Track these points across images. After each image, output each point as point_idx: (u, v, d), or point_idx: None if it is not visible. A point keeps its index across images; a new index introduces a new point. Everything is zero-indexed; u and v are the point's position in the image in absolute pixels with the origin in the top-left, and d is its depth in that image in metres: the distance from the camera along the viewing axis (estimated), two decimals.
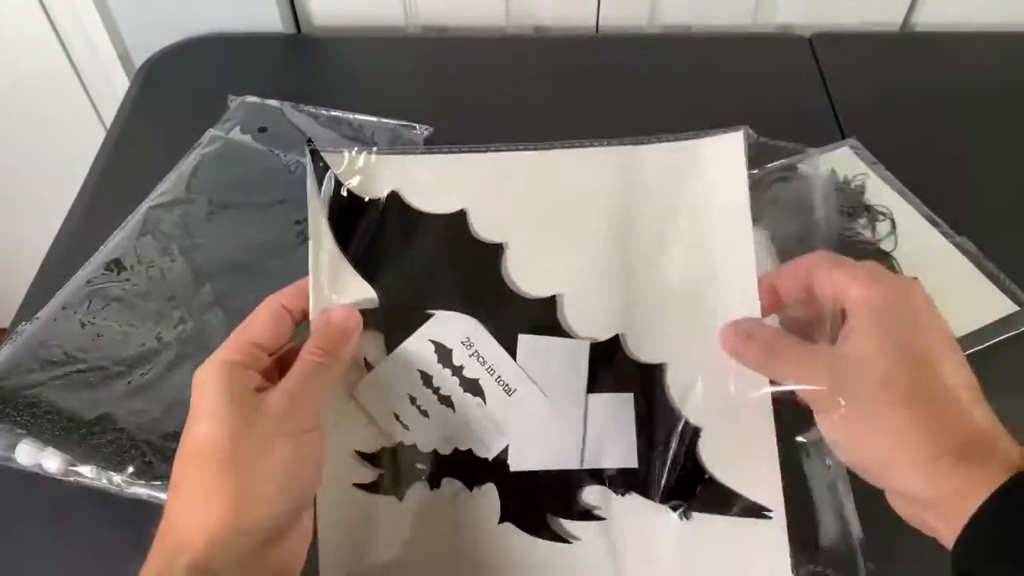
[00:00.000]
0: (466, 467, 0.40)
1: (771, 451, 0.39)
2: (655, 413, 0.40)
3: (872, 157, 0.64)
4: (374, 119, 0.66)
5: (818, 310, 0.38)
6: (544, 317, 0.41)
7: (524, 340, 0.41)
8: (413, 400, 0.41)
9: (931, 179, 0.62)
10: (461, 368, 0.41)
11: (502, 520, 0.40)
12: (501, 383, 0.41)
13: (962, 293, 0.55)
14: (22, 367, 0.50)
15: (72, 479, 0.46)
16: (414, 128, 0.66)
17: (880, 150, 0.64)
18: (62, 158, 0.77)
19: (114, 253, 0.55)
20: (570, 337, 0.41)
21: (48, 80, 0.81)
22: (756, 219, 0.50)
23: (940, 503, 0.32)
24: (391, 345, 0.41)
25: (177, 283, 0.54)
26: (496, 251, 0.42)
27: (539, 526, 0.40)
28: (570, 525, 0.40)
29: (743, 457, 0.40)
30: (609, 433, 0.40)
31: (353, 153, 0.43)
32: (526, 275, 0.42)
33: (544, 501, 0.40)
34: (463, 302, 0.41)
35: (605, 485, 0.40)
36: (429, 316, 0.41)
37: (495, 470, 0.40)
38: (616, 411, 0.40)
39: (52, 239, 0.60)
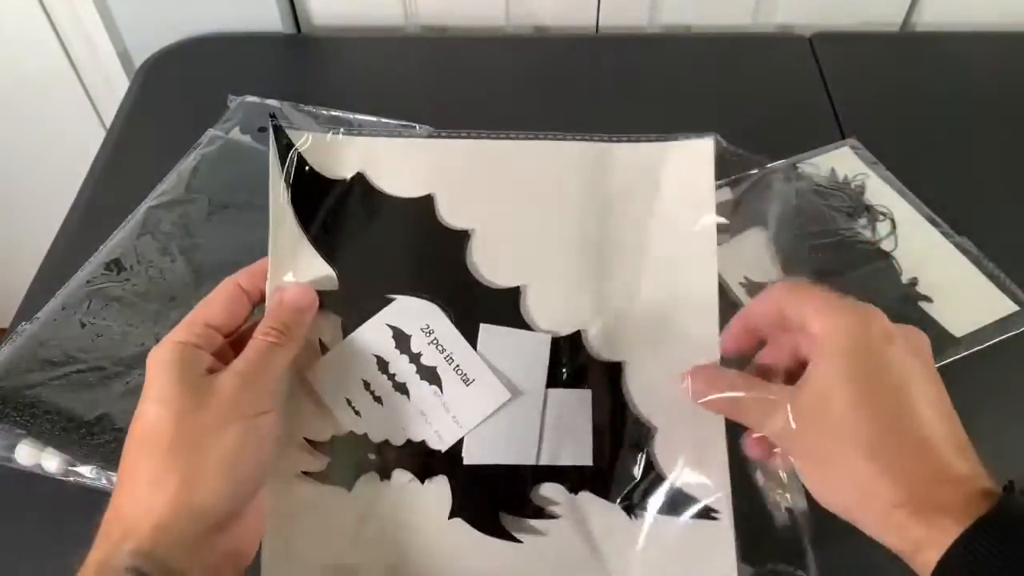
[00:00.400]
0: (418, 458, 0.40)
1: (721, 453, 0.39)
2: (612, 411, 0.40)
3: (872, 157, 0.64)
4: (374, 119, 0.66)
5: (786, 350, 0.38)
6: (507, 307, 0.41)
7: (485, 329, 0.40)
8: (367, 386, 0.40)
9: (931, 179, 0.62)
10: (419, 355, 0.40)
11: (452, 515, 0.39)
12: (459, 372, 0.40)
13: (962, 293, 0.55)
14: (22, 367, 0.50)
15: (72, 479, 0.46)
16: (414, 128, 0.66)
17: (880, 150, 0.64)
18: (62, 158, 0.77)
19: (114, 253, 0.55)
20: (532, 329, 0.41)
21: (48, 80, 0.81)
22: (756, 219, 0.50)
23: (904, 554, 0.32)
24: (348, 328, 0.40)
25: (177, 283, 0.54)
26: (462, 238, 0.42)
27: (490, 523, 0.39)
28: (522, 523, 0.40)
29: (695, 458, 0.40)
30: (566, 429, 0.40)
31: (319, 133, 0.42)
32: (491, 264, 0.41)
33: (497, 497, 0.40)
34: (425, 288, 0.41)
35: (560, 483, 0.40)
36: (389, 300, 0.40)
37: (448, 462, 0.39)
38: (574, 407, 0.40)
39: (52, 239, 0.60)
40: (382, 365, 0.40)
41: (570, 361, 0.41)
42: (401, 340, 0.40)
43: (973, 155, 0.65)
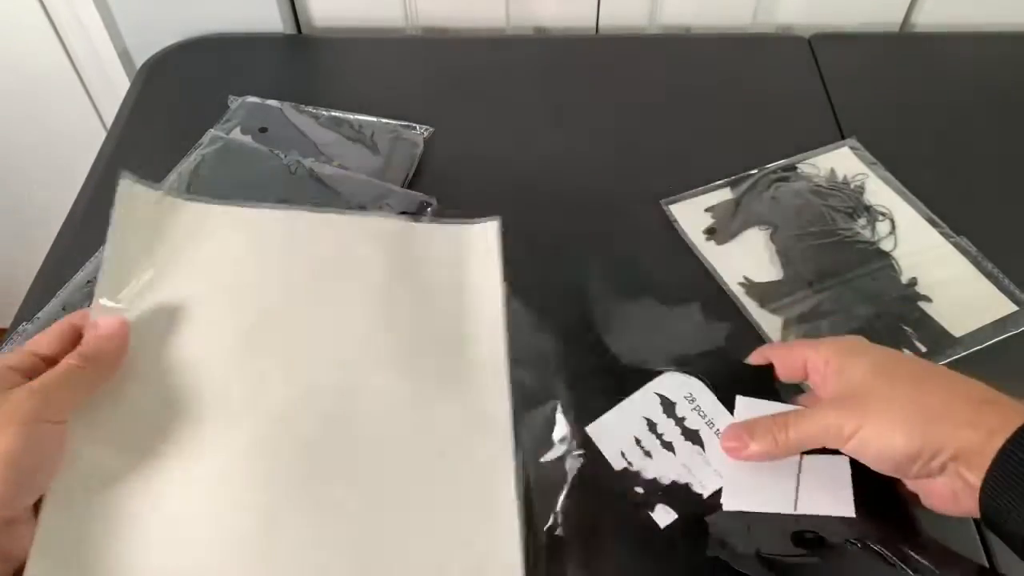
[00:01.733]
0: (681, 497, 0.44)
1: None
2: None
3: (872, 157, 0.64)
4: (374, 119, 0.66)
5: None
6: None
7: (742, 401, 0.46)
8: (638, 442, 0.46)
9: (931, 179, 0.62)
10: (683, 419, 0.46)
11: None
12: (718, 434, 0.45)
13: (961, 293, 0.55)
14: None
15: None
16: (414, 128, 0.66)
17: (880, 150, 0.64)
18: (62, 158, 0.77)
19: None
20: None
21: (49, 80, 0.81)
22: (756, 219, 0.50)
23: (979, 448, 0.35)
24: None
25: None
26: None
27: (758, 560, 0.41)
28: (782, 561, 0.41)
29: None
30: (824, 486, 0.42)
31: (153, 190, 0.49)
32: None
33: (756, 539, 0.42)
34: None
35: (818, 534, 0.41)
36: (656, 373, 0.48)
37: (708, 506, 0.43)
38: (832, 469, 0.43)
39: (52, 239, 0.60)
40: (651, 426, 0.46)
41: None
42: (667, 406, 0.47)
43: (973, 155, 0.65)
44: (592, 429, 0.46)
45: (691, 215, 0.60)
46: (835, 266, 0.56)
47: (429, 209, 0.57)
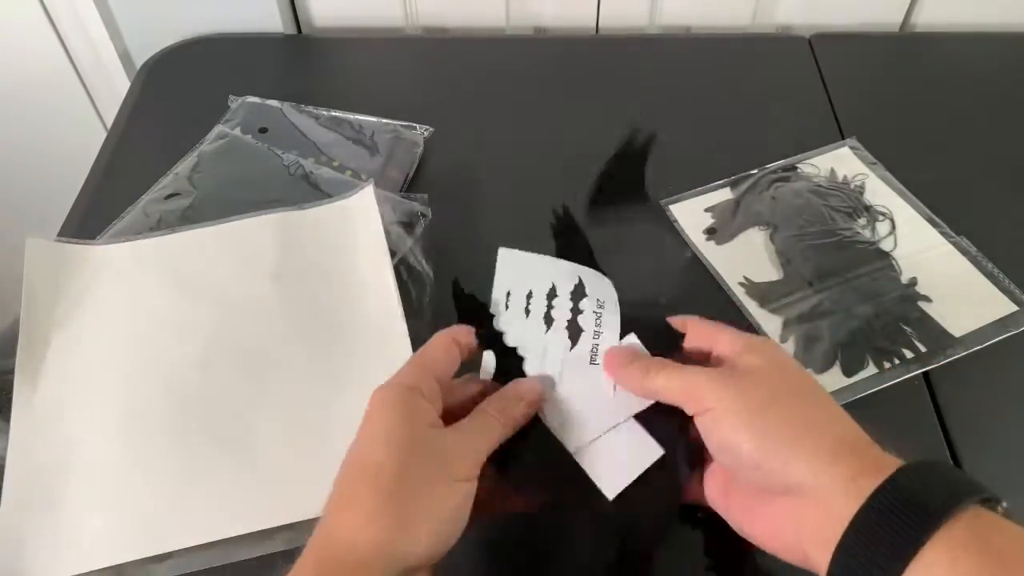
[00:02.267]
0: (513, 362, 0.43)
1: None
2: None
3: (872, 157, 0.64)
4: (374, 119, 0.66)
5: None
6: None
7: (632, 337, 0.44)
8: (528, 296, 0.46)
9: (931, 179, 0.62)
10: (580, 312, 0.45)
11: None
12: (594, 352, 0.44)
13: (962, 293, 0.55)
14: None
15: None
16: (414, 128, 0.66)
17: (880, 150, 0.64)
18: (63, 159, 0.77)
19: None
20: None
21: (49, 81, 0.81)
22: (756, 219, 0.50)
23: (834, 488, 0.33)
24: None
25: None
26: None
27: None
28: None
29: None
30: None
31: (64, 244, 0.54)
32: None
33: None
34: None
35: None
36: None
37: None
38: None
39: (52, 239, 0.60)
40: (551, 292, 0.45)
41: None
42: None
43: (973, 155, 0.65)
44: (504, 252, 0.46)
45: (691, 215, 0.60)
46: (835, 266, 0.56)
47: (424, 219, 0.58)
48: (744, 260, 0.57)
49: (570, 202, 0.61)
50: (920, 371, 0.51)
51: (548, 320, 0.44)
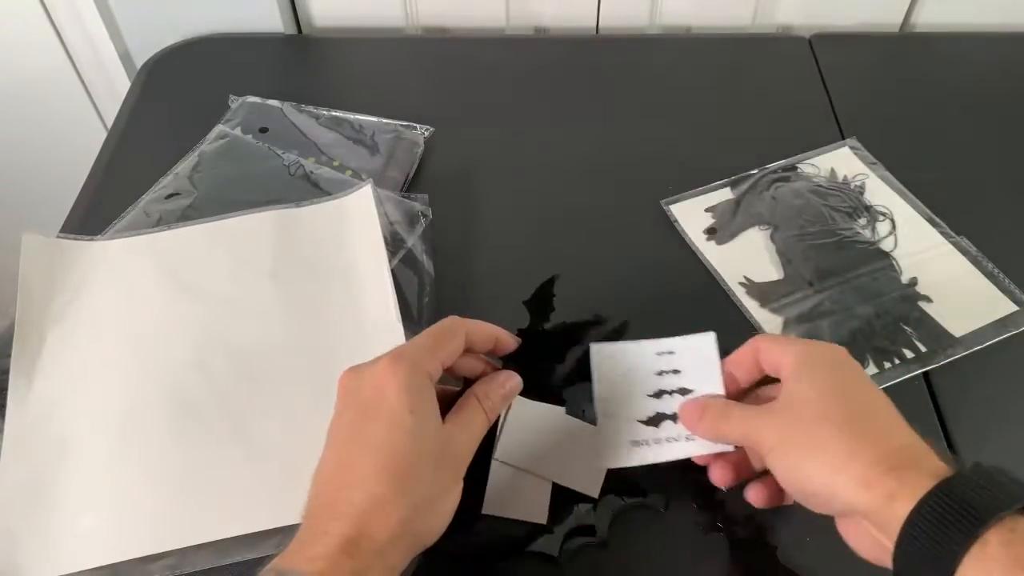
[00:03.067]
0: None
1: None
2: None
3: (872, 157, 0.64)
4: (375, 119, 0.66)
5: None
6: None
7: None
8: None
9: (931, 179, 0.62)
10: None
11: None
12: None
13: (962, 293, 0.55)
14: None
15: None
16: (414, 128, 0.66)
17: (880, 150, 0.64)
18: (63, 158, 0.77)
19: None
20: None
21: (49, 80, 0.81)
22: (756, 219, 0.50)
23: (874, 511, 0.34)
24: None
25: None
26: None
27: None
28: None
29: None
30: None
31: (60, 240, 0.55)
32: None
33: None
34: None
35: None
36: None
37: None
38: None
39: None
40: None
41: None
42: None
43: (973, 155, 0.65)
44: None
45: (691, 215, 0.60)
46: (835, 266, 0.56)
47: (424, 219, 0.58)
48: (744, 260, 0.57)
49: (570, 202, 0.61)
50: (920, 371, 0.51)
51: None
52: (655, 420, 0.43)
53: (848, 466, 0.35)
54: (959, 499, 0.32)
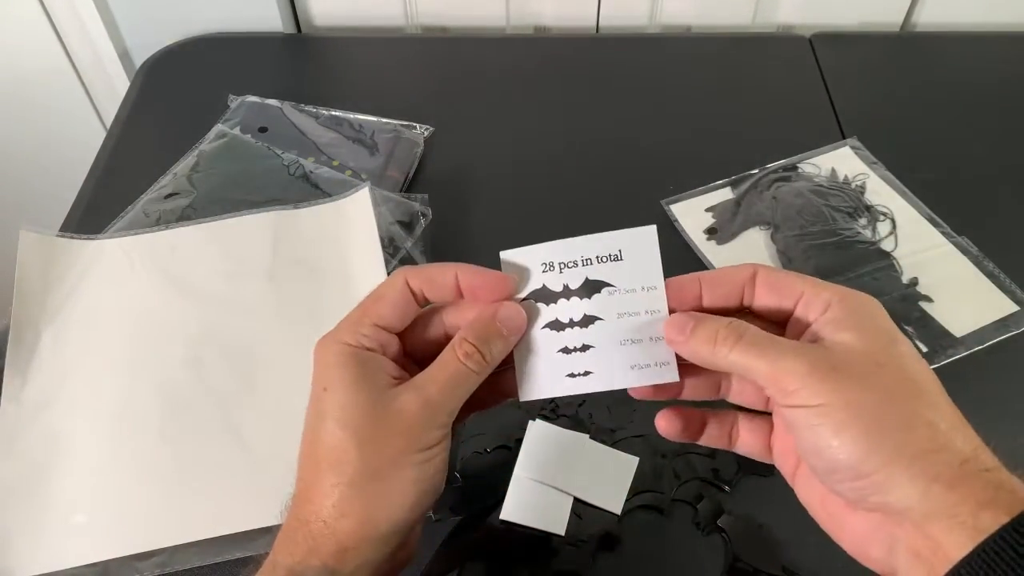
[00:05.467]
0: None
1: None
2: None
3: (872, 157, 0.64)
4: (374, 119, 0.66)
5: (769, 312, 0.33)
6: None
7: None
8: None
9: (932, 179, 0.62)
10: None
11: None
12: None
13: (962, 293, 0.54)
14: None
15: None
16: (414, 128, 0.66)
17: (880, 150, 0.64)
18: (62, 158, 0.77)
19: None
20: None
21: (49, 80, 0.80)
22: (757, 219, 0.50)
23: (955, 515, 0.28)
24: None
25: None
26: None
27: None
28: None
29: None
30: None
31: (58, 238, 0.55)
32: None
33: None
34: None
35: None
36: None
37: None
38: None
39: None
40: None
41: None
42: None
43: (973, 155, 0.65)
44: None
45: (692, 215, 0.60)
46: (836, 266, 0.56)
47: (424, 219, 0.57)
48: (745, 260, 0.56)
49: (570, 201, 0.61)
50: None
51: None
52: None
53: (930, 457, 0.28)
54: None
